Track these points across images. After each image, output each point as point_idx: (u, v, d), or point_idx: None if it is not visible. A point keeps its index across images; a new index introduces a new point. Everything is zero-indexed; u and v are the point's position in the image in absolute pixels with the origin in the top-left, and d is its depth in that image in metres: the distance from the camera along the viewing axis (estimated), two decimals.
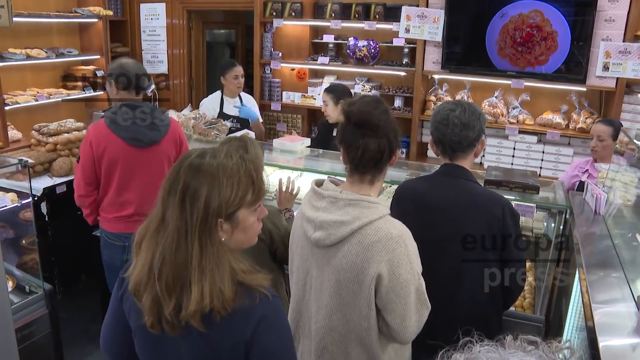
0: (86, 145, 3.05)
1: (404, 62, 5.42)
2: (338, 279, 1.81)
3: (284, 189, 2.90)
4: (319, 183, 1.93)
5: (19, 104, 5.14)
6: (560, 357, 0.74)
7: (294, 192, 2.92)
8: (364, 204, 1.78)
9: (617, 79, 4.47)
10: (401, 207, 2.37)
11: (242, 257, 1.40)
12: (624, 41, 4.38)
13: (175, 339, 1.37)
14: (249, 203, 1.39)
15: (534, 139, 4.95)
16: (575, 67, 4.59)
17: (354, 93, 4.95)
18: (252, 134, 4.50)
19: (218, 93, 4.77)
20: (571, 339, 2.41)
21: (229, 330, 1.33)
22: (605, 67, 4.45)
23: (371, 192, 1.86)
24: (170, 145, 3.18)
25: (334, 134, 4.20)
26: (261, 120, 4.96)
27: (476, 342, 0.80)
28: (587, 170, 3.76)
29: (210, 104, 4.73)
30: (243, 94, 4.86)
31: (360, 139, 1.79)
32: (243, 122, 4.70)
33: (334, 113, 4.14)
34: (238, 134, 3.87)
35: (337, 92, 4.16)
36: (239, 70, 4.65)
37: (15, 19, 4.32)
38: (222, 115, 4.63)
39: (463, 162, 2.31)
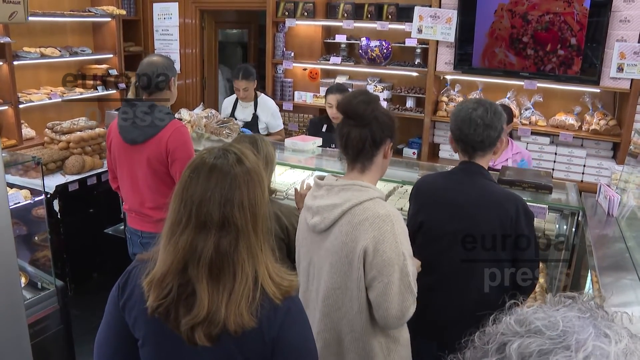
0: (106, 135, 3.20)
1: (416, 63, 5.40)
2: (331, 262, 1.89)
3: (300, 189, 2.93)
4: (321, 177, 2.03)
5: (33, 102, 5.20)
6: (594, 305, 0.78)
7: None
8: (355, 188, 1.88)
9: (632, 80, 4.41)
10: (418, 201, 2.43)
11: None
12: (639, 42, 4.33)
13: (198, 347, 1.32)
14: None
15: (547, 140, 4.91)
16: (588, 68, 4.54)
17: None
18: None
19: (235, 95, 4.67)
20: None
21: (257, 332, 1.32)
22: (620, 69, 4.40)
23: (363, 181, 1.93)
24: (153, 149, 2.91)
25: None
26: (281, 127, 4.77)
27: (521, 303, 0.83)
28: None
29: (227, 105, 4.74)
30: (264, 99, 4.70)
31: (344, 128, 1.91)
32: (251, 128, 4.52)
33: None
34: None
35: (343, 92, 4.06)
36: (239, 84, 4.48)
37: (30, 18, 4.33)
38: None
39: (481, 160, 2.33)
